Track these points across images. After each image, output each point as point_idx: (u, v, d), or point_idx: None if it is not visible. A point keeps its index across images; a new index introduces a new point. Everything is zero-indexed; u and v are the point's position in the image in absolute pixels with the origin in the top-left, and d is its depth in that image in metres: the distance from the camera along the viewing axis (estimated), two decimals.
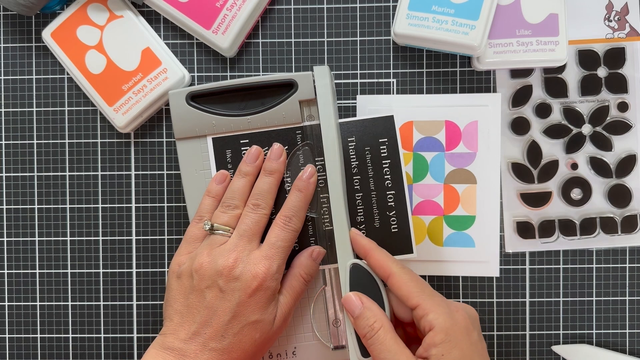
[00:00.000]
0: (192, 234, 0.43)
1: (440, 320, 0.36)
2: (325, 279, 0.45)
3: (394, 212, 0.45)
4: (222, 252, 0.40)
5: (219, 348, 0.39)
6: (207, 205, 0.44)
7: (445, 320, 0.36)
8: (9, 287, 0.50)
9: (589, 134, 0.49)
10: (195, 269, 0.40)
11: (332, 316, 0.45)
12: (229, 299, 0.39)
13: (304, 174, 0.44)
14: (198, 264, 0.40)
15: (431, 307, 0.37)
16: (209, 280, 0.40)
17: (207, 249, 0.41)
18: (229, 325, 0.39)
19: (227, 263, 0.40)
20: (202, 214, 0.43)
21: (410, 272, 0.39)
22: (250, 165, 0.44)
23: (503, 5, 0.46)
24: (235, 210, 0.42)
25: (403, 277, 0.39)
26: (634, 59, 0.48)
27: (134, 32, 0.47)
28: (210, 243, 0.41)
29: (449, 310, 0.37)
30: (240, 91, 0.45)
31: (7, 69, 0.50)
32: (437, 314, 0.37)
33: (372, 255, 0.41)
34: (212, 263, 0.40)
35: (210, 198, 0.44)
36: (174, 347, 0.39)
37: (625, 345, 0.49)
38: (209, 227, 0.42)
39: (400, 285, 0.39)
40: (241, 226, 0.42)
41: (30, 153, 0.50)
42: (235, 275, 0.40)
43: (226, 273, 0.40)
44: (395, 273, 0.39)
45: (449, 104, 0.48)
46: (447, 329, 0.36)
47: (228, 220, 0.42)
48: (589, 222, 0.48)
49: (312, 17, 0.49)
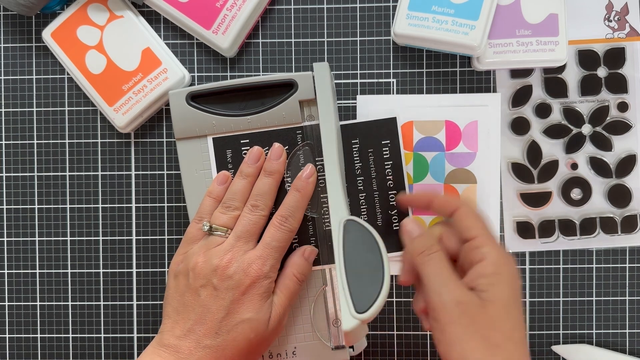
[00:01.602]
0: (191, 234, 0.43)
1: (494, 254, 0.37)
2: (325, 279, 0.45)
3: (395, 211, 0.46)
4: (218, 252, 0.41)
5: (213, 345, 0.39)
6: (208, 205, 0.44)
7: (499, 256, 0.37)
8: (9, 287, 0.50)
9: (589, 134, 0.49)
10: (191, 268, 0.41)
11: (332, 316, 0.45)
12: (223, 297, 0.40)
13: (303, 174, 0.44)
14: (193, 263, 0.41)
15: (488, 242, 0.37)
16: (203, 279, 0.40)
17: (203, 249, 0.42)
18: (223, 323, 0.40)
19: (221, 263, 0.40)
20: (202, 215, 0.43)
21: (476, 210, 0.40)
22: (251, 166, 0.44)
23: (503, 5, 0.46)
24: (235, 211, 0.43)
25: (470, 213, 0.39)
26: (633, 59, 0.48)
27: (134, 32, 0.47)
28: (207, 243, 0.42)
29: (503, 251, 0.38)
30: (240, 91, 0.45)
31: (7, 69, 0.50)
32: (492, 248, 0.37)
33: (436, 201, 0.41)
34: (207, 262, 0.41)
35: (211, 199, 0.44)
36: (170, 344, 0.40)
37: (625, 345, 0.49)
38: (207, 228, 0.42)
39: (465, 217, 0.39)
40: (238, 227, 0.42)
41: (30, 153, 0.50)
42: (229, 274, 0.40)
43: (220, 272, 0.40)
44: (463, 209, 0.39)
45: (449, 104, 0.48)
46: (499, 264, 0.36)
47: (227, 221, 0.42)
48: (589, 222, 0.48)
49: (312, 17, 0.49)
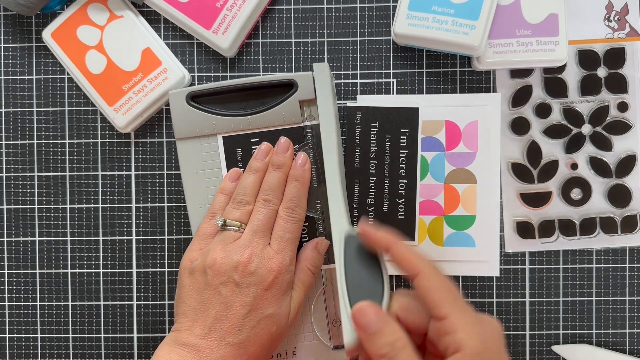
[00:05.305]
0: (205, 230, 0.43)
1: (472, 344, 0.31)
2: (325, 279, 0.45)
3: (403, 200, 0.47)
4: (237, 247, 0.40)
5: (236, 342, 0.39)
6: (220, 202, 0.44)
7: (477, 345, 0.31)
8: (9, 287, 0.50)
9: (589, 134, 0.49)
10: (209, 264, 0.40)
11: (332, 316, 0.45)
12: (246, 293, 0.39)
13: (297, 162, 0.44)
14: (212, 259, 0.40)
15: (462, 326, 0.31)
16: (224, 275, 0.40)
17: (221, 245, 0.41)
18: (246, 319, 0.39)
19: (242, 258, 0.40)
20: (215, 211, 0.43)
21: (440, 275, 0.34)
22: (260, 162, 0.44)
23: (503, 5, 0.46)
24: (247, 206, 0.42)
25: (433, 281, 0.33)
26: (633, 59, 0.48)
27: (134, 32, 0.47)
28: (224, 239, 0.41)
29: (482, 332, 0.32)
30: (240, 91, 0.45)
31: (7, 69, 0.50)
32: (468, 335, 0.31)
33: (395, 250, 0.35)
34: (227, 259, 0.40)
35: (223, 195, 0.44)
36: (189, 342, 0.39)
37: (625, 345, 0.49)
38: (221, 222, 0.42)
39: (429, 288, 0.33)
40: (254, 222, 0.42)
41: (30, 153, 0.50)
42: (251, 270, 0.40)
43: (242, 268, 0.40)
44: (425, 273, 0.33)
45: (449, 104, 0.48)
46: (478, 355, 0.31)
47: (240, 216, 0.42)
48: (588, 222, 0.48)
49: (312, 17, 0.49)
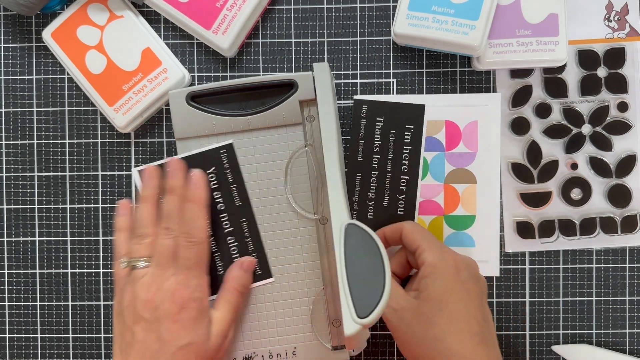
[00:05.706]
0: (117, 275, 0.42)
1: (431, 257, 0.41)
2: (324, 280, 0.45)
3: (403, 196, 0.47)
4: (143, 286, 0.40)
5: None
6: (121, 241, 0.43)
7: (434, 257, 0.41)
8: (9, 287, 0.50)
9: (589, 134, 0.49)
10: (125, 307, 0.40)
11: (332, 316, 0.45)
12: (155, 329, 0.39)
13: (191, 182, 0.43)
14: (126, 301, 0.40)
15: (426, 247, 0.42)
16: (135, 316, 0.40)
17: (129, 286, 0.41)
18: (160, 354, 0.39)
19: (148, 296, 0.40)
20: (119, 253, 0.43)
21: (417, 225, 0.45)
22: (148, 188, 0.43)
23: (503, 5, 0.46)
24: (148, 237, 0.42)
25: (411, 228, 0.44)
26: (633, 59, 0.48)
27: (134, 32, 0.47)
28: (132, 279, 0.41)
29: (441, 251, 0.42)
30: (240, 91, 0.45)
31: (7, 69, 0.50)
32: (429, 252, 0.41)
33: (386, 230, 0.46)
34: (135, 299, 0.40)
35: (121, 232, 0.43)
36: None
37: (625, 345, 0.49)
38: (125, 265, 0.41)
39: (407, 234, 0.43)
40: (155, 255, 0.41)
41: (30, 153, 0.50)
42: (157, 305, 0.39)
43: (149, 305, 0.39)
44: (406, 227, 0.44)
45: (449, 104, 0.48)
46: (435, 264, 0.41)
47: (144, 251, 0.41)
48: (588, 222, 0.48)
49: (312, 17, 0.49)
